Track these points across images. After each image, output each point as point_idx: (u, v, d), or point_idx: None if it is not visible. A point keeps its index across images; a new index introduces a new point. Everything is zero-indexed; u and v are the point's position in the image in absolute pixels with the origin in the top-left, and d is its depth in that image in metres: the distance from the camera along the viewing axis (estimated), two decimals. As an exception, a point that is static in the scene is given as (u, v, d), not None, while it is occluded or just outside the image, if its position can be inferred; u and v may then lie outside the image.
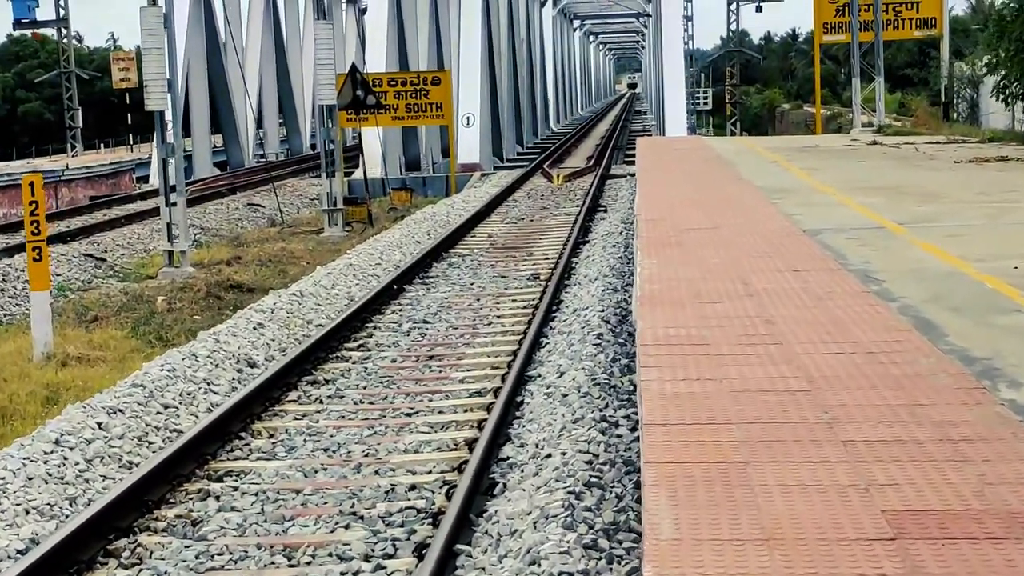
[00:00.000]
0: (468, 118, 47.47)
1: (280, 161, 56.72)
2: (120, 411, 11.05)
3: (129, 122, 49.24)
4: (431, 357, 14.31)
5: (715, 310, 9.51)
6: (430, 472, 9.97)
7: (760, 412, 6.81)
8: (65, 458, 9.91)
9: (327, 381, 13.16)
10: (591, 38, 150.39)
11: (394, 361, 14.16)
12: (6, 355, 16.29)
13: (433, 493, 9.40)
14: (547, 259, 21.69)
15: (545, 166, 44.13)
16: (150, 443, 10.75)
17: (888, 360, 7.79)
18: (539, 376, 12.30)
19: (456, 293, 18.57)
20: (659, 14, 58.11)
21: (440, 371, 13.56)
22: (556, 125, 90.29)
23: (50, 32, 52.70)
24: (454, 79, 50.76)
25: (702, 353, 8.11)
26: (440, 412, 11.79)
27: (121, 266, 25.77)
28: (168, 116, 24.34)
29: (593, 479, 8.38)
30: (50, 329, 16.23)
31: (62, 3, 50.09)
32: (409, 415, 11.75)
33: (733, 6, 59.40)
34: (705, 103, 75.39)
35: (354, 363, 14.04)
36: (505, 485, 9.12)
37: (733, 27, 60.20)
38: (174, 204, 24.54)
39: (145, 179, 47.82)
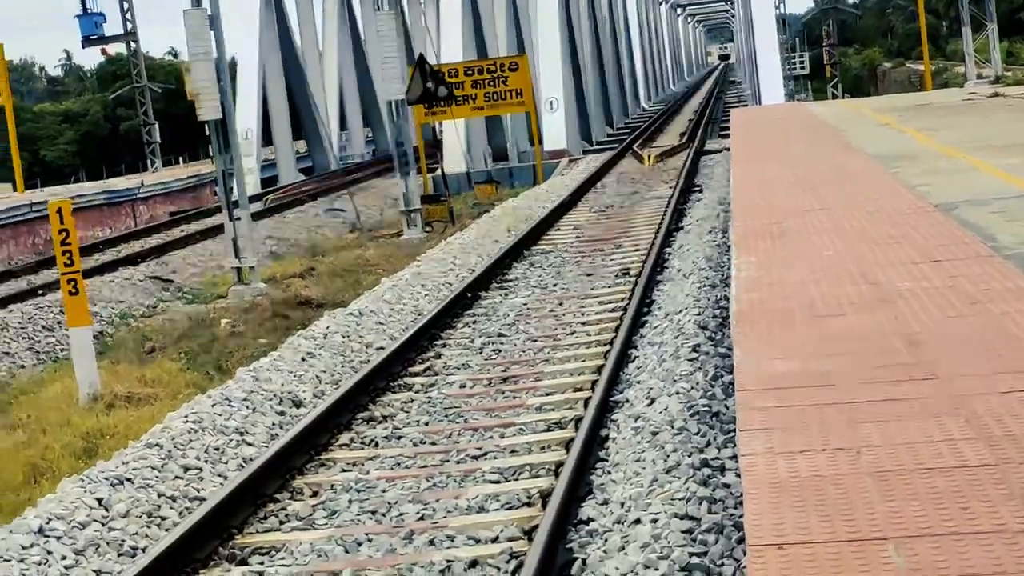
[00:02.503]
0: (551, 102, 45.54)
1: (366, 162, 55.23)
2: (127, 481, 9.33)
3: (206, 133, 47.85)
4: (505, 379, 12.47)
5: (837, 327, 7.46)
6: (496, 539, 8.15)
7: (926, 513, 4.64)
8: (49, 552, 8.20)
9: (385, 418, 11.38)
10: (678, 11, 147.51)
11: (463, 387, 12.34)
12: (51, 399, 14.83)
13: (498, 571, 7.58)
14: (637, 251, 19.75)
15: (635, 146, 42.09)
16: (162, 520, 9.01)
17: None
18: (626, 403, 10.41)
19: (536, 297, 16.72)
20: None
21: (514, 397, 11.72)
22: (647, 103, 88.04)
23: (121, 48, 51.69)
24: (534, 63, 48.90)
25: (825, 401, 6.06)
26: (512, 452, 9.96)
27: (191, 286, 24.27)
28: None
29: (694, 558, 6.48)
30: (94, 367, 14.70)
31: (129, 16, 48.88)
32: (476, 457, 9.93)
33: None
34: (802, 67, 72.62)
35: (417, 392, 12.24)
36: (584, 563, 7.25)
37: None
38: (238, 219, 22.96)
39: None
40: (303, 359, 12.99)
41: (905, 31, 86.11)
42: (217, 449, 10.22)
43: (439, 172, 39.62)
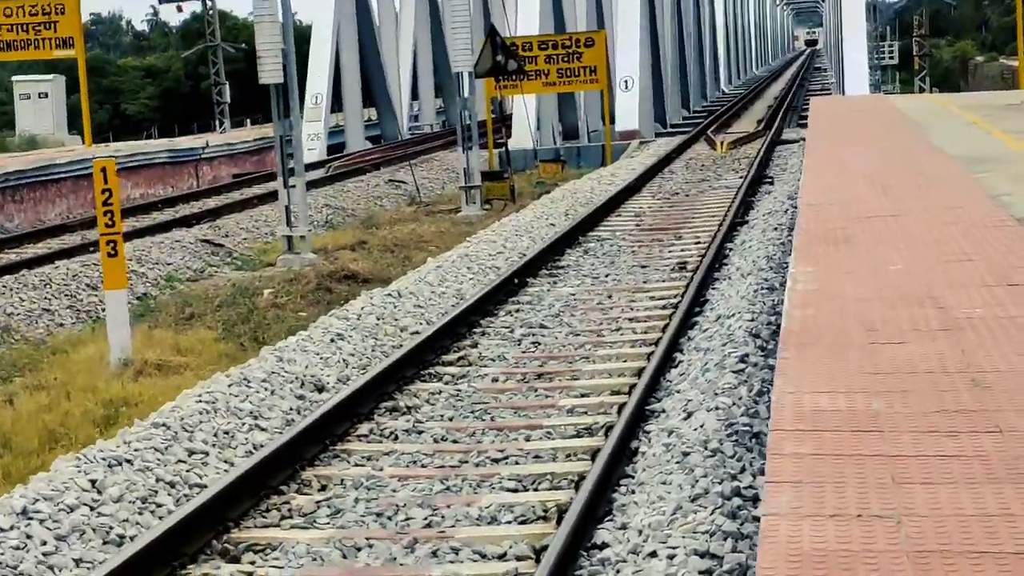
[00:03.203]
0: (627, 81, 44.67)
1: (435, 133, 54.62)
2: (126, 462, 8.78)
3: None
4: (540, 375, 11.83)
5: (894, 357, 6.69)
6: (503, 556, 7.53)
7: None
8: (28, 536, 7.67)
9: (409, 409, 10.77)
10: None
11: (495, 380, 11.71)
12: (82, 362, 14.40)
13: (499, 594, 6.97)
14: (698, 243, 19.01)
15: (709, 132, 41.17)
16: (157, 507, 8.46)
17: None
18: (662, 413, 9.73)
19: (586, 288, 16.05)
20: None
21: (547, 396, 11.07)
22: (728, 86, 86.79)
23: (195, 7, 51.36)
24: (612, 40, 48.02)
25: (869, 450, 5.27)
26: (536, 458, 9.33)
27: (242, 252, 23.77)
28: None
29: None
30: (127, 333, 14.25)
31: (207, -26, 48.47)
32: (496, 460, 9.31)
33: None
34: (891, 57, 71.11)
35: (447, 383, 11.63)
36: (590, 596, 6.60)
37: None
38: (293, 186, 22.42)
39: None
40: (332, 340, 12.39)
41: (1001, 24, 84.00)
42: (227, 433, 9.64)
43: (505, 148, 39.05)
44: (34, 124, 43.07)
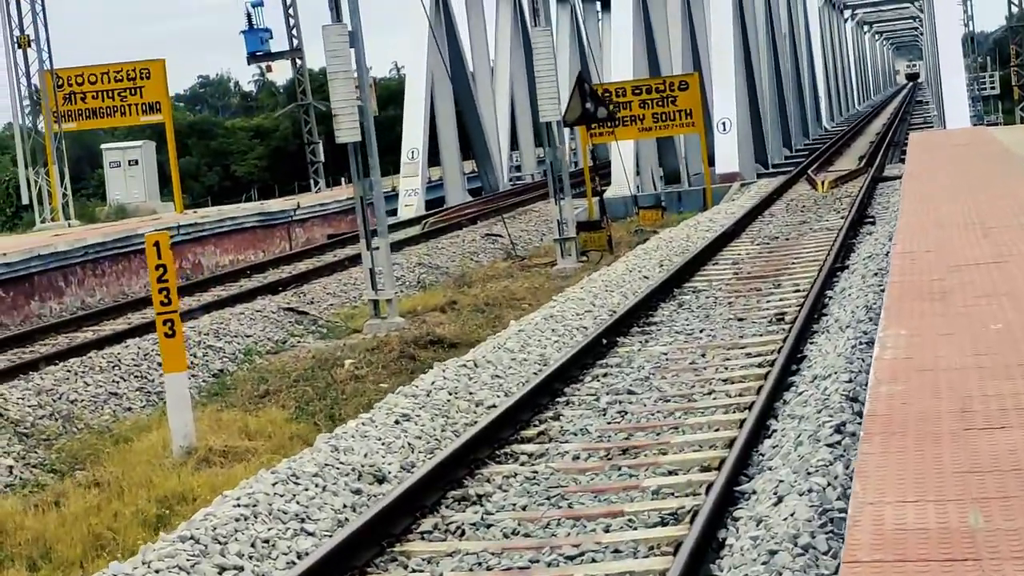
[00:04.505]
0: (724, 123, 43.66)
1: (536, 182, 53.90)
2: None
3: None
4: (625, 451, 10.96)
5: (995, 448, 5.68)
6: None
7: None
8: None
9: (479, 498, 9.94)
10: (865, 28, 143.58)
11: (576, 458, 10.86)
12: (143, 451, 13.70)
13: None
14: (797, 291, 18.05)
15: (810, 171, 40.06)
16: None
17: None
18: (752, 495, 8.81)
19: (679, 346, 15.16)
20: (933, -5, 53.03)
21: (631, 476, 10.20)
22: (829, 123, 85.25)
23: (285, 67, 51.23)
24: (708, 82, 47.09)
25: None
26: (614, 553, 8.45)
27: (328, 319, 23.12)
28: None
29: None
30: (190, 418, 13.54)
31: (295, 32, 48.34)
32: (571, 558, 8.45)
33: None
34: (992, 87, 69.28)
35: (523, 464, 10.79)
36: None
37: (1015, 0, 54.42)
38: (376, 248, 21.79)
39: (392, 212, 45.55)
40: (396, 422, 11.56)
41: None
42: (267, 542, 8.80)
43: (607, 194, 38.23)
44: (125, 192, 42.96)
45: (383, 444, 10.95)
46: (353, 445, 10.75)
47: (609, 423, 11.96)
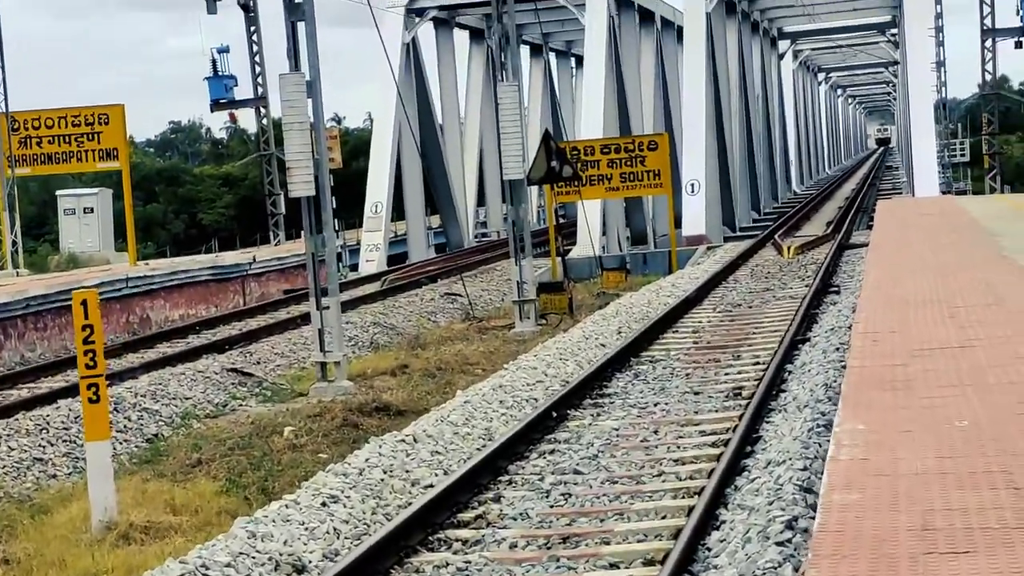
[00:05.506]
0: (693, 185, 43.28)
1: (501, 240, 53.31)
2: None
3: (333, 205, 46.40)
4: (566, 539, 10.26)
5: None
6: None
7: None
8: None
9: (406, 590, 9.23)
10: (838, 91, 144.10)
11: (513, 547, 10.16)
12: (61, 525, 12.93)
13: None
14: (756, 363, 17.44)
15: (776, 236, 39.60)
16: None
17: None
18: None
19: (631, 421, 14.50)
20: (906, 61, 52.88)
21: (569, 568, 9.50)
22: (799, 186, 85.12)
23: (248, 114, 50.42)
24: (678, 141, 46.74)
25: None
26: (541, 660, 7.75)
27: (273, 381, 22.33)
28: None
29: None
30: (111, 490, 12.79)
31: (260, 81, 47.69)
32: (494, 666, 7.74)
33: (988, 44, 53.56)
34: (962, 155, 69.28)
35: (456, 552, 10.08)
36: None
37: (989, 68, 54.35)
38: (327, 307, 21.09)
39: (354, 267, 44.85)
40: (324, 504, 10.81)
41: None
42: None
43: (571, 255, 37.65)
44: (79, 241, 42.01)
45: (306, 529, 10.18)
46: (273, 531, 9.97)
47: (552, 507, 11.26)
